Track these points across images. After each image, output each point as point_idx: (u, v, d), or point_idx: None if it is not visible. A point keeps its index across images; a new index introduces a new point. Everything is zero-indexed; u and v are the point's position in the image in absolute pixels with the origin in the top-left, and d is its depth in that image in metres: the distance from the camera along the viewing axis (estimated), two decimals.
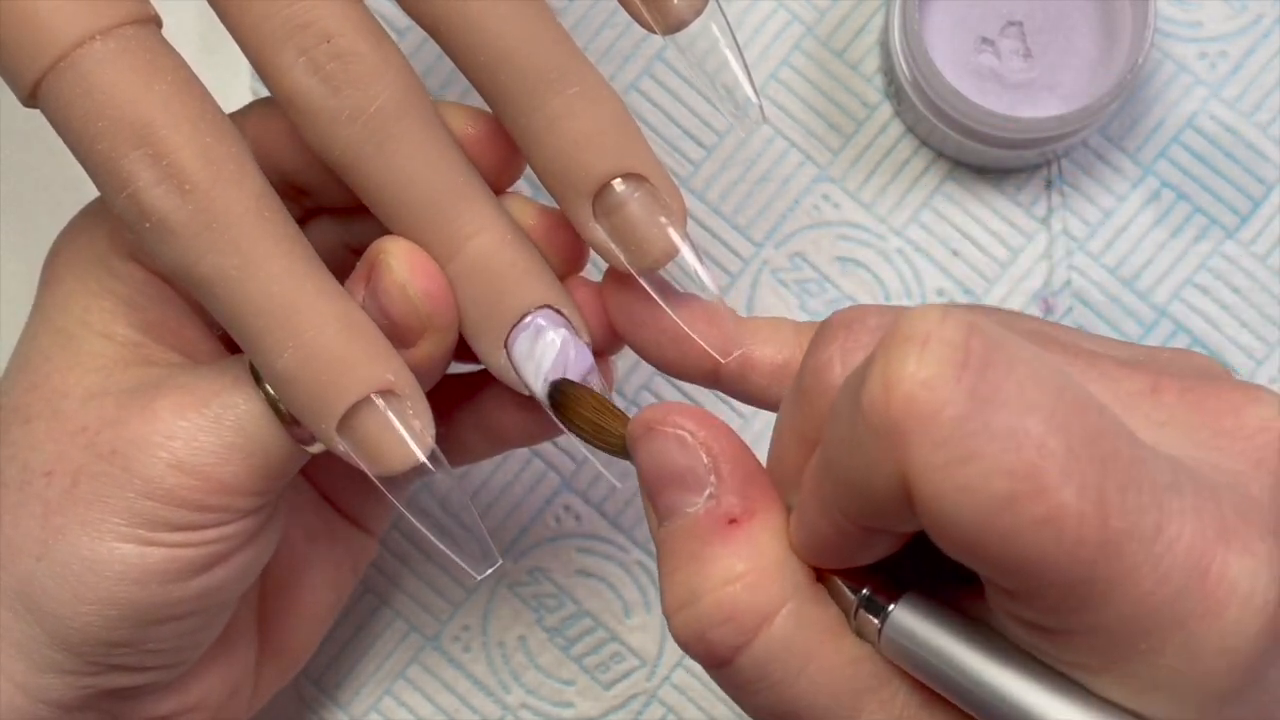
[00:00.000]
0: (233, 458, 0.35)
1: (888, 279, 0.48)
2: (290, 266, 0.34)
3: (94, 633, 0.36)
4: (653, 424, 0.32)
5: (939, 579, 0.30)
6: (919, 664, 0.29)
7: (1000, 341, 0.25)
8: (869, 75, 0.49)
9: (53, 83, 0.33)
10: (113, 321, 0.37)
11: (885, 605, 0.29)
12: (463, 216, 0.35)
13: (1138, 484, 0.25)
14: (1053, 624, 0.27)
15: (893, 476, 0.25)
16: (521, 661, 0.48)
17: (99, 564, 0.35)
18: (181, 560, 0.36)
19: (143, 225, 0.33)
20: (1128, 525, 0.25)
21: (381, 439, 0.34)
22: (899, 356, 0.25)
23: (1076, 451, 0.25)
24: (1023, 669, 0.28)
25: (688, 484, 0.31)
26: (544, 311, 0.36)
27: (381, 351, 0.35)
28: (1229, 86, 0.48)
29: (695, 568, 0.31)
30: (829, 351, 0.30)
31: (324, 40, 0.34)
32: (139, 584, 0.35)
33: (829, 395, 0.29)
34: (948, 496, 0.25)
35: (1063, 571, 0.25)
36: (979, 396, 0.25)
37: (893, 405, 0.25)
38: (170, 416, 0.35)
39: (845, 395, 0.27)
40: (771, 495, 0.32)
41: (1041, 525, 0.25)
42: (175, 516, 0.35)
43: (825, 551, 0.30)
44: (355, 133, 0.34)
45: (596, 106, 0.35)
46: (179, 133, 0.33)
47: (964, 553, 0.26)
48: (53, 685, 0.36)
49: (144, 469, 0.35)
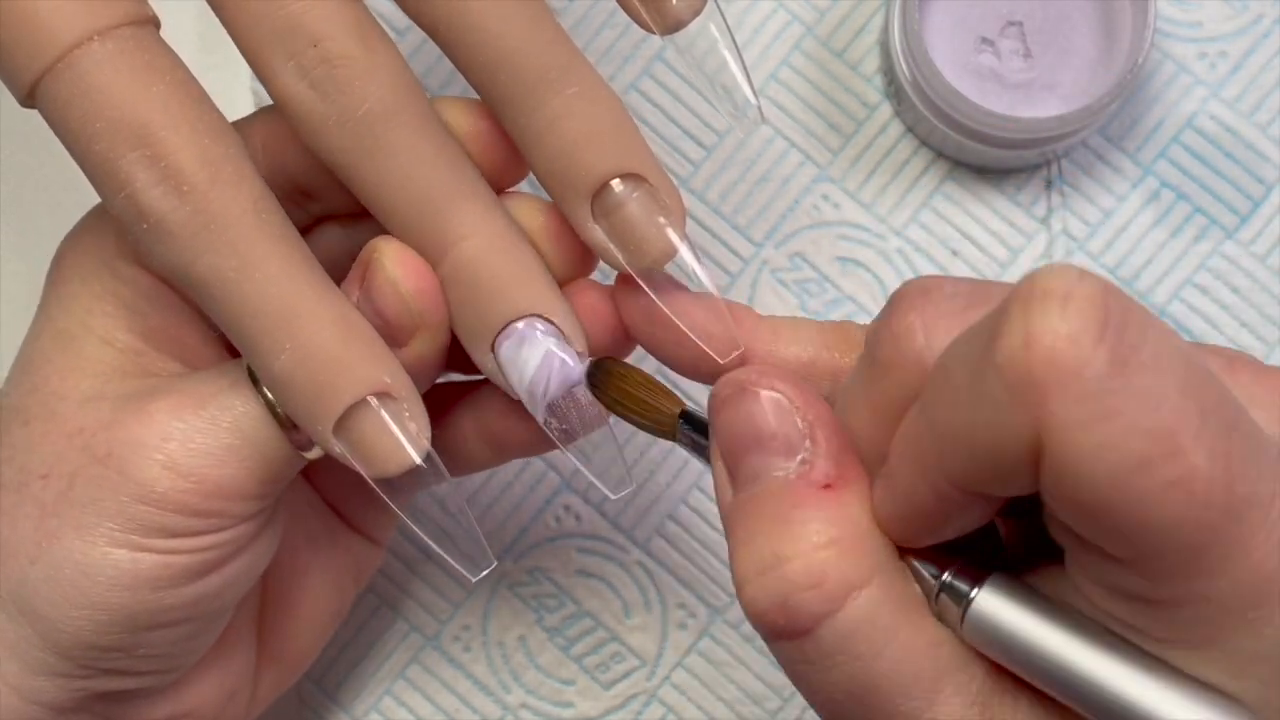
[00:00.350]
0: (229, 460, 0.35)
1: (888, 279, 0.48)
2: (287, 268, 0.34)
3: (85, 637, 0.35)
4: (746, 385, 0.31)
5: (1009, 562, 0.30)
6: (1004, 649, 0.29)
7: (1132, 302, 0.25)
8: (869, 75, 0.49)
9: (50, 83, 0.33)
10: (114, 326, 0.37)
11: (968, 591, 0.29)
12: (452, 220, 0.35)
13: (1256, 453, 0.26)
14: (1163, 594, 0.26)
15: (1025, 432, 0.25)
16: (521, 661, 0.48)
17: (91, 569, 0.35)
18: (175, 567, 0.35)
19: (140, 226, 0.33)
20: (1248, 492, 0.25)
21: (377, 441, 0.34)
22: (1040, 311, 0.25)
23: (1207, 417, 0.25)
24: (1114, 650, 0.28)
25: (779, 448, 0.31)
26: (530, 320, 0.35)
27: (378, 354, 0.34)
28: (1229, 87, 0.48)
29: (782, 531, 0.30)
30: (908, 319, 0.29)
31: (312, 44, 0.33)
32: (130, 590, 0.35)
33: (912, 361, 0.29)
34: (1086, 453, 0.25)
35: (1187, 535, 0.25)
36: (1119, 356, 0.25)
37: (1034, 359, 0.25)
38: (166, 418, 0.35)
39: (962, 352, 0.27)
40: (860, 466, 0.31)
41: (1173, 487, 0.25)
42: (169, 522, 0.35)
43: (916, 521, 0.29)
44: (345, 136, 0.34)
45: (595, 107, 0.35)
46: (177, 134, 0.33)
47: (1089, 514, 0.26)
48: (45, 688, 0.36)
49: (138, 472, 0.35)
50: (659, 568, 0.48)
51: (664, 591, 0.48)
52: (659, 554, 0.48)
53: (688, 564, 0.48)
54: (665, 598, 0.48)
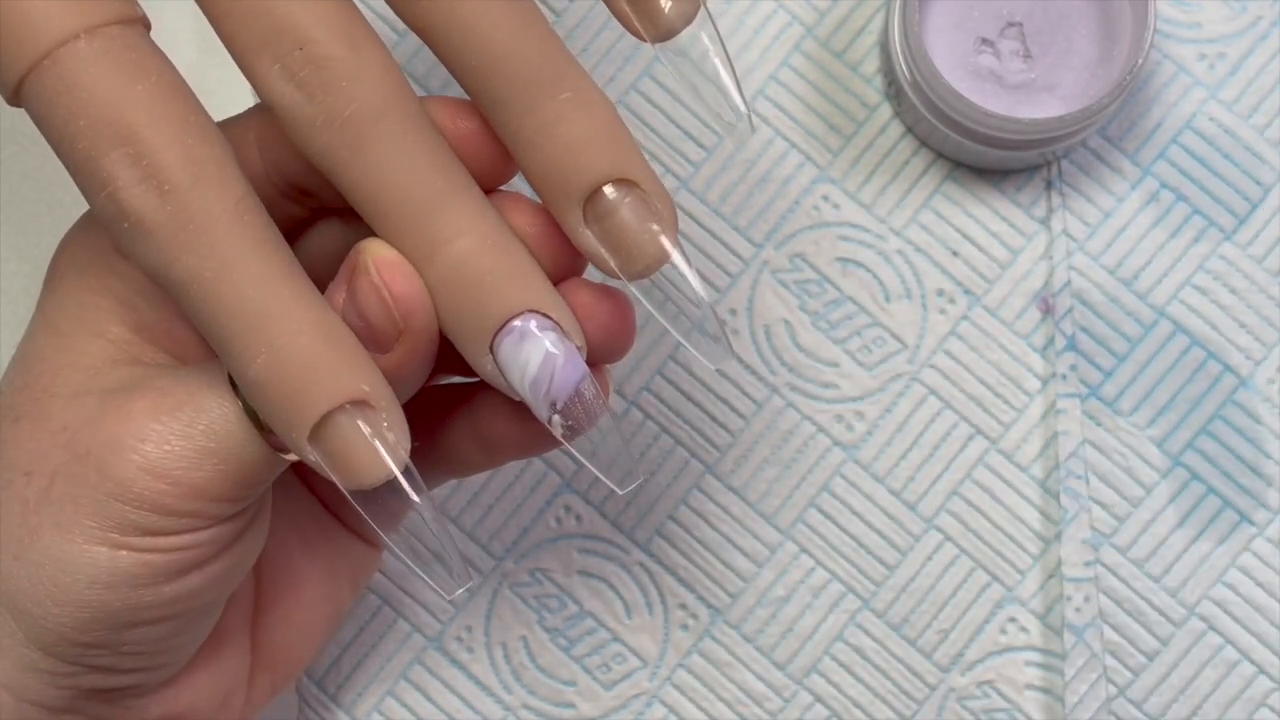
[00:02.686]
0: (204, 463, 0.35)
1: (888, 279, 0.49)
2: (267, 271, 0.33)
3: (66, 634, 0.35)
4: None
5: None
6: None
7: None
8: (869, 76, 0.49)
9: (36, 81, 0.33)
10: (107, 321, 0.37)
11: None
12: (441, 220, 0.35)
13: None
14: None
15: None
16: (522, 662, 0.48)
17: (70, 565, 0.35)
18: (153, 565, 0.35)
19: (120, 225, 0.33)
20: None
21: (353, 451, 0.33)
22: None
23: None
24: None
25: None
26: (529, 316, 0.35)
27: (357, 361, 0.34)
28: (1228, 88, 0.49)
29: None
30: None
31: (298, 47, 0.33)
32: (109, 588, 0.35)
33: None
34: None
35: None
36: None
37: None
38: (144, 419, 0.35)
39: None
40: None
41: None
42: (146, 520, 0.35)
43: None
44: (330, 139, 0.34)
45: (588, 111, 0.35)
46: (161, 134, 0.33)
47: None
48: (32, 684, 0.36)
49: (116, 471, 0.35)
50: (660, 568, 0.48)
51: (665, 592, 0.48)
52: (660, 554, 0.48)
53: (689, 564, 0.48)
54: (666, 598, 0.48)
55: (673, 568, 0.48)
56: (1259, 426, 0.48)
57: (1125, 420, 0.48)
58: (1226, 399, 0.48)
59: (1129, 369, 0.48)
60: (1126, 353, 0.48)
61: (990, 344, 0.48)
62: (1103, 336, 0.48)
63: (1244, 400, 0.48)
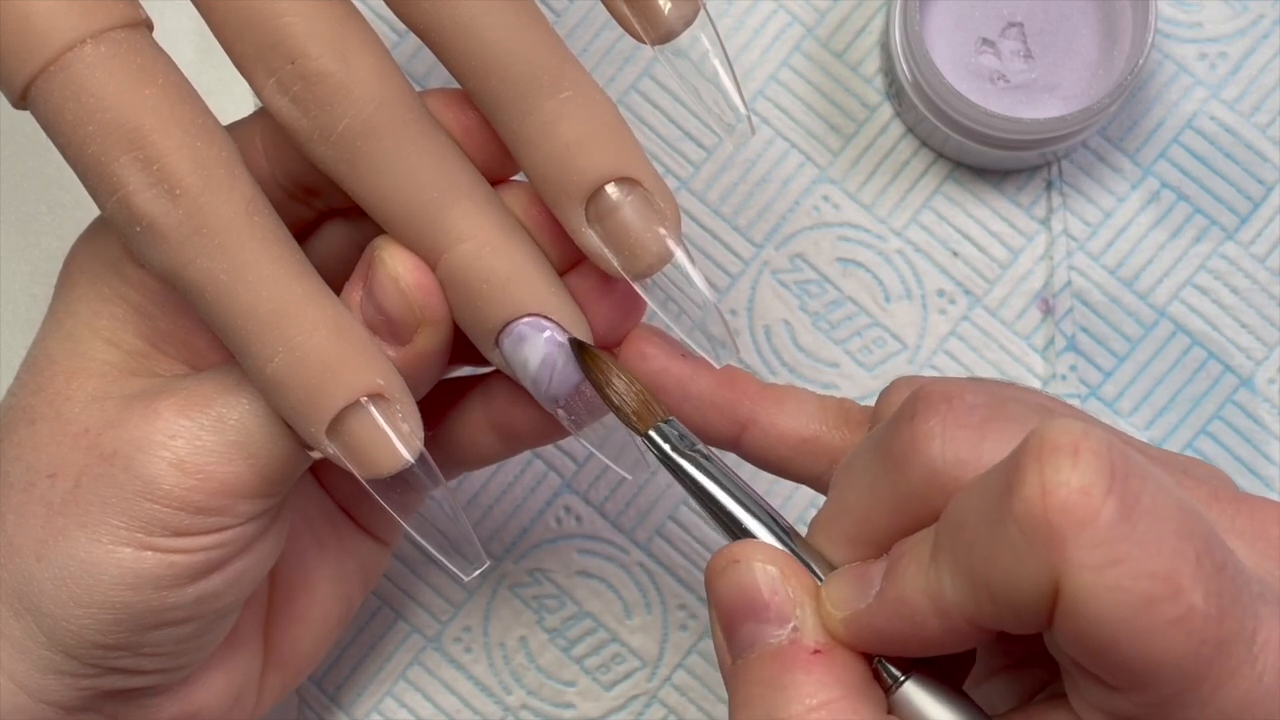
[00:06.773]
0: (235, 457, 0.35)
1: (888, 280, 0.48)
2: (280, 271, 0.34)
3: (89, 636, 0.36)
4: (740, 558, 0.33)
5: None
6: None
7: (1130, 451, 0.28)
8: (869, 76, 0.49)
9: (43, 86, 0.33)
10: (121, 329, 0.37)
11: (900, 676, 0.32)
12: (444, 225, 0.35)
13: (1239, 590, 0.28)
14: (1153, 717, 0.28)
15: (1042, 575, 0.27)
16: (522, 662, 0.48)
17: (95, 567, 0.35)
18: (178, 566, 0.35)
19: (133, 229, 0.33)
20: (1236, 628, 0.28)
21: (370, 442, 0.34)
22: (1053, 465, 0.27)
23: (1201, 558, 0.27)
24: None
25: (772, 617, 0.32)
26: (528, 319, 0.35)
27: (371, 356, 0.35)
28: (1229, 87, 0.49)
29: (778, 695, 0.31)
30: (930, 424, 0.31)
31: (289, 61, 0.34)
32: (134, 589, 0.35)
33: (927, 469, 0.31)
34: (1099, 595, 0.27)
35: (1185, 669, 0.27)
36: (1125, 504, 0.27)
37: (1050, 510, 0.27)
38: (173, 416, 0.35)
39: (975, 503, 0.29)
40: None
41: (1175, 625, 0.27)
42: (174, 520, 0.35)
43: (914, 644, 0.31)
44: (327, 151, 0.34)
45: (589, 110, 0.35)
46: (169, 137, 0.33)
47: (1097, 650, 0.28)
48: (52, 686, 0.36)
49: (145, 469, 0.35)
50: (660, 568, 0.48)
51: (665, 592, 0.48)
52: (660, 555, 0.48)
53: (688, 565, 0.48)
54: (666, 599, 0.48)
55: (673, 568, 0.48)
56: (1259, 428, 0.48)
57: (1125, 420, 0.48)
58: (1227, 399, 0.48)
59: (1129, 369, 0.48)
60: (1127, 353, 0.48)
61: (990, 344, 0.48)
62: (1103, 337, 0.48)
63: (1244, 401, 0.48)
